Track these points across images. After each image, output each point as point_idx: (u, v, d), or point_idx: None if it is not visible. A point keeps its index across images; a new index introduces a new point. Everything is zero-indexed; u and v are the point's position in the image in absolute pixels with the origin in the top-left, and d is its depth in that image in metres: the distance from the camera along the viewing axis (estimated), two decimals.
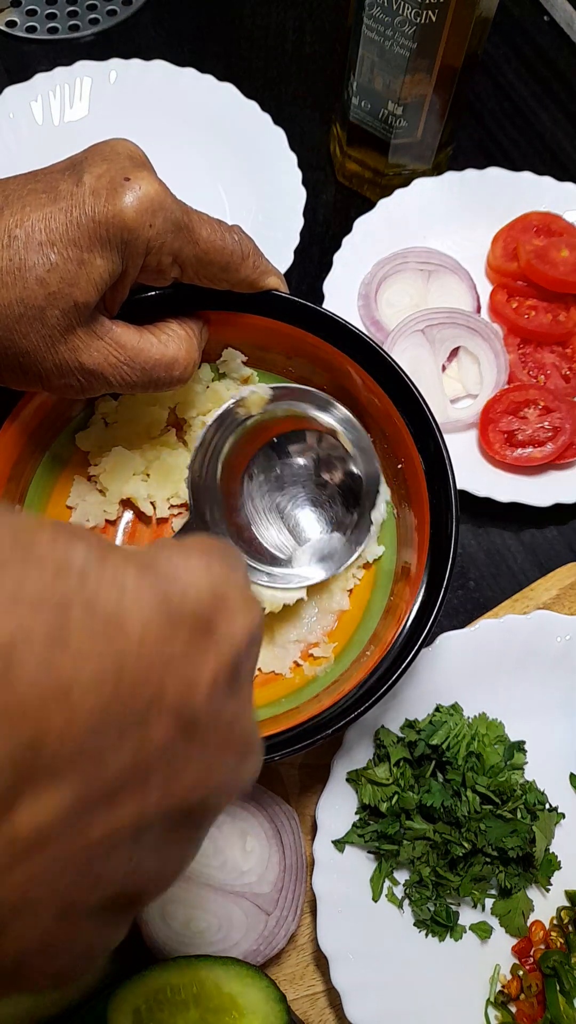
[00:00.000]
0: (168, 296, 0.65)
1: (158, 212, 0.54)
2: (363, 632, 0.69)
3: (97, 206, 0.52)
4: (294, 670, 0.70)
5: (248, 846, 0.66)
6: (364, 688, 0.61)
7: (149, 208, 0.53)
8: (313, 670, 0.69)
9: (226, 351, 0.73)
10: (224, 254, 0.60)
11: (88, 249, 0.52)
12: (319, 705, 0.63)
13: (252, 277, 0.63)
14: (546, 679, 0.74)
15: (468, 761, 0.69)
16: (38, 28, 1.09)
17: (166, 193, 0.55)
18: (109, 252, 0.53)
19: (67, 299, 0.53)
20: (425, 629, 0.61)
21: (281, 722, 0.63)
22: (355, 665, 0.66)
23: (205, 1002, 0.59)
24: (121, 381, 0.59)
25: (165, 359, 0.60)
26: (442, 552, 0.63)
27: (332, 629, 0.72)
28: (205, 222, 0.59)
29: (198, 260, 0.59)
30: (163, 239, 0.55)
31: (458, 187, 0.95)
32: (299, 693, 0.68)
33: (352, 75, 0.88)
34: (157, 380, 0.60)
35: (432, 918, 0.67)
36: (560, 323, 0.89)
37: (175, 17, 1.11)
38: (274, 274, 0.65)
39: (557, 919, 0.69)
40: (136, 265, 0.56)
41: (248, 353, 0.74)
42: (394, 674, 0.60)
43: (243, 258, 0.61)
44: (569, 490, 0.83)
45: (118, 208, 0.52)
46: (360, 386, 0.70)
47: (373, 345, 0.68)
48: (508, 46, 1.11)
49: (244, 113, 0.99)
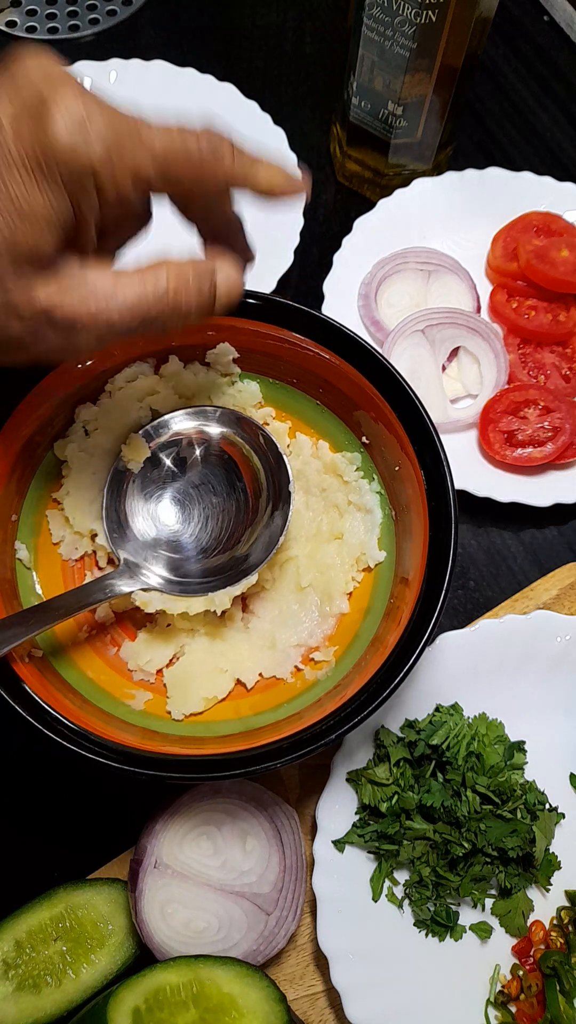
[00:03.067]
0: None
1: (91, 127, 0.47)
2: (363, 635, 0.69)
3: (21, 144, 0.46)
4: (295, 675, 0.70)
5: (248, 846, 0.66)
6: (367, 692, 0.61)
7: (80, 126, 0.47)
8: (314, 674, 0.69)
9: (221, 345, 0.73)
10: (191, 158, 0.51)
11: (27, 190, 0.47)
12: (321, 710, 0.63)
13: (238, 176, 0.53)
14: (546, 679, 0.74)
15: (468, 761, 0.69)
16: (38, 28, 1.09)
17: (97, 104, 0.48)
18: (50, 188, 0.47)
19: (14, 248, 0.47)
20: (426, 631, 0.61)
21: (283, 728, 0.63)
22: (356, 668, 0.66)
23: (204, 1002, 0.59)
24: (107, 328, 0.51)
25: (155, 294, 0.52)
26: (441, 554, 0.63)
27: (332, 633, 0.72)
28: (159, 128, 0.50)
29: (163, 175, 0.51)
30: (109, 156, 0.48)
31: (458, 187, 0.95)
32: (301, 698, 0.68)
33: (352, 75, 0.88)
34: (154, 319, 0.52)
35: (432, 918, 0.67)
36: (560, 323, 0.89)
37: (175, 17, 1.11)
38: (263, 164, 0.54)
39: (557, 919, 0.69)
40: (90, 198, 0.49)
41: (243, 355, 0.74)
42: (396, 677, 0.60)
43: (217, 158, 0.52)
44: (569, 490, 0.83)
45: (45, 137, 0.46)
46: (354, 388, 0.71)
47: (370, 349, 0.69)
48: (508, 46, 1.11)
49: (244, 113, 0.99)
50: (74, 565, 0.73)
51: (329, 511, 0.74)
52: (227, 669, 0.70)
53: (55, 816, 0.74)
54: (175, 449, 0.72)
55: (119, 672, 0.70)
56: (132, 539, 0.69)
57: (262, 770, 0.58)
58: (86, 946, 0.65)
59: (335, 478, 0.75)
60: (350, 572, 0.72)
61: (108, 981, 0.64)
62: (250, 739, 0.63)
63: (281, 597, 0.73)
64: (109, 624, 0.72)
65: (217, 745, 0.64)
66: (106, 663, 0.70)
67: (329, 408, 0.75)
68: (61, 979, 0.63)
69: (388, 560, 0.71)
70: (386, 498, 0.72)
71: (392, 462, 0.70)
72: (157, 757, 0.60)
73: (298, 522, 0.74)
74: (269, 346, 0.72)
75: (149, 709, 0.68)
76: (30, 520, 0.71)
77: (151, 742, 0.63)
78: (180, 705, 0.68)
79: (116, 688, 0.69)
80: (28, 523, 0.71)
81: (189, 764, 0.60)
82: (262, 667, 0.70)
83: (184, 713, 0.68)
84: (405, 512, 0.69)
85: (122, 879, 0.68)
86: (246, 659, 0.70)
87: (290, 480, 0.69)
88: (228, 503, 0.71)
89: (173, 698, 0.68)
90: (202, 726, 0.67)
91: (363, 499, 0.73)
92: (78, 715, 0.62)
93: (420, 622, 0.62)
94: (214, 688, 0.69)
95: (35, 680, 0.62)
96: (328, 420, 0.75)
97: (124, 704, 0.68)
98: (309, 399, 0.75)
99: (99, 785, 0.74)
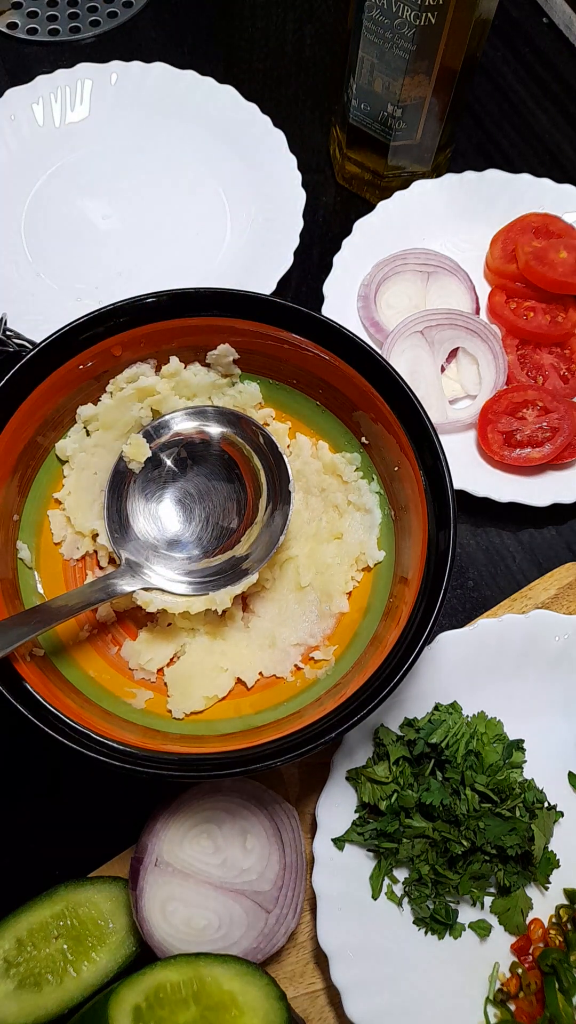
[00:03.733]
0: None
1: None
2: (363, 634, 0.69)
3: None
4: (295, 673, 0.71)
5: (248, 844, 0.66)
6: (368, 691, 0.61)
7: None
8: (314, 673, 0.70)
9: (222, 346, 0.74)
10: None
11: None
12: (321, 708, 0.63)
13: None
14: (545, 678, 0.74)
15: (467, 759, 0.69)
16: (39, 30, 1.09)
17: None
18: None
19: None
20: (426, 630, 0.61)
21: (284, 727, 0.63)
22: (356, 667, 0.66)
23: (205, 1000, 0.59)
24: None
25: None
26: (441, 554, 0.64)
27: (331, 632, 0.72)
28: None
29: None
30: None
31: (457, 189, 0.96)
32: (301, 696, 0.68)
33: (352, 77, 0.88)
34: None
35: (431, 916, 0.68)
36: (558, 324, 0.89)
37: (176, 19, 1.12)
38: None
39: (556, 917, 0.69)
40: None
41: (243, 356, 0.75)
42: (396, 676, 0.61)
43: None
44: (567, 490, 0.83)
45: None
46: (354, 389, 0.71)
47: (369, 350, 0.69)
48: (507, 48, 1.12)
49: (244, 115, 0.99)
50: (75, 565, 0.73)
51: (329, 511, 0.75)
52: (227, 668, 0.70)
53: (56, 815, 0.74)
54: (176, 449, 0.72)
55: (120, 671, 0.70)
56: (133, 539, 0.70)
57: (263, 768, 0.58)
58: (87, 944, 0.65)
59: (335, 478, 0.75)
60: (349, 571, 0.72)
61: (109, 979, 0.64)
62: (250, 738, 0.64)
63: (281, 596, 0.73)
64: (110, 623, 0.72)
65: (218, 743, 0.64)
66: (107, 662, 0.70)
67: (329, 409, 0.75)
68: (62, 977, 0.63)
69: (387, 560, 0.71)
70: (385, 498, 0.73)
71: (391, 462, 0.71)
72: (158, 756, 0.61)
73: (298, 522, 0.74)
74: (269, 347, 0.73)
75: (150, 708, 0.68)
76: (32, 520, 0.71)
77: (152, 741, 0.63)
78: (181, 704, 0.68)
79: (117, 687, 0.69)
80: (30, 523, 0.71)
81: (190, 763, 0.60)
82: (262, 666, 0.71)
83: (185, 712, 0.68)
84: (404, 512, 0.70)
85: (123, 877, 0.68)
86: (246, 658, 0.71)
87: (290, 480, 0.69)
88: (228, 503, 0.72)
89: (174, 697, 0.69)
90: (203, 724, 0.68)
91: (362, 499, 0.73)
92: (79, 714, 0.62)
93: (420, 621, 0.62)
94: (214, 687, 0.69)
95: (37, 679, 0.62)
96: (328, 421, 0.76)
97: (125, 703, 0.68)
98: (309, 400, 0.76)
99: (100, 784, 0.74)
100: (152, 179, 0.99)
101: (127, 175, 0.99)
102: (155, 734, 0.66)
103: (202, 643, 0.71)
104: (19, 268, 0.92)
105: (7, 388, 0.67)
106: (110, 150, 1.00)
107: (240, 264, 0.93)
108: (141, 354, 0.73)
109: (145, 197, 0.98)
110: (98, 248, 0.94)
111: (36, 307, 0.89)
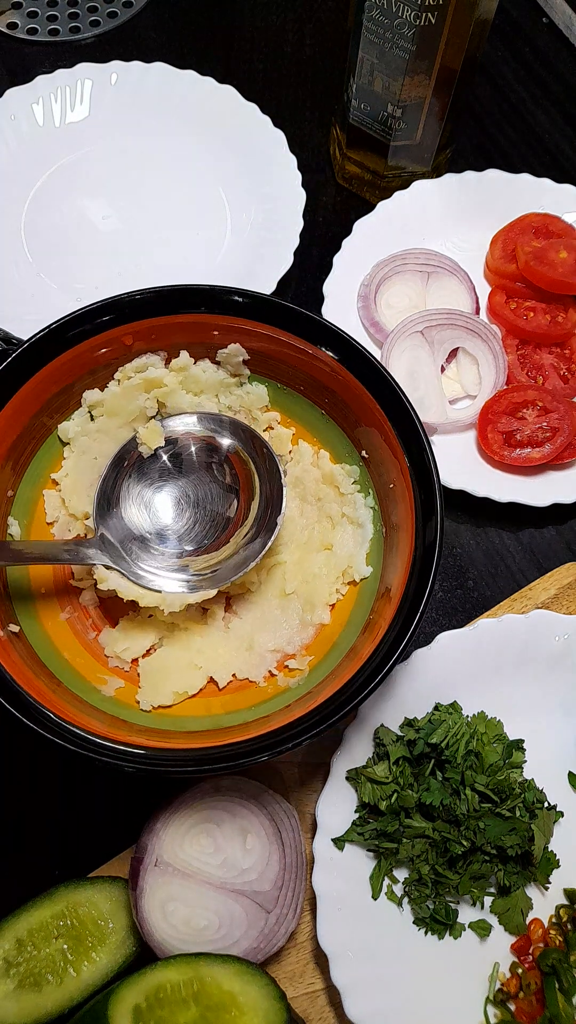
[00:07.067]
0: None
1: None
2: (340, 647, 0.69)
3: None
4: (268, 680, 0.71)
5: (248, 844, 0.66)
6: (338, 701, 0.61)
7: None
8: (287, 681, 0.70)
9: (232, 345, 0.74)
10: None
11: None
12: (290, 714, 0.63)
13: None
14: (545, 678, 0.74)
15: (467, 759, 0.69)
16: (39, 30, 1.09)
17: None
18: None
19: None
20: (400, 645, 0.61)
21: (250, 730, 0.63)
22: (329, 678, 0.66)
23: (205, 1000, 0.59)
24: None
25: None
26: (423, 576, 0.63)
27: (310, 642, 0.72)
28: None
29: None
30: None
31: (457, 189, 0.96)
32: (271, 702, 0.68)
33: (352, 77, 0.88)
34: None
35: (431, 916, 0.68)
36: (558, 324, 0.89)
37: (176, 19, 1.12)
38: None
39: (556, 917, 0.69)
40: None
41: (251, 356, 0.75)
42: (367, 688, 0.60)
43: None
44: (567, 490, 0.83)
45: None
46: (359, 403, 0.71)
47: (368, 355, 0.69)
48: (507, 48, 1.12)
49: (244, 115, 0.99)
50: None
51: (322, 521, 0.75)
52: (201, 666, 0.70)
53: (56, 815, 0.74)
54: (178, 448, 0.72)
55: (95, 656, 0.71)
56: (116, 519, 0.70)
57: (223, 769, 0.58)
58: (87, 944, 0.65)
59: (332, 489, 0.75)
60: (335, 584, 0.72)
61: (109, 979, 0.64)
62: (217, 737, 0.64)
63: (265, 601, 0.73)
64: (92, 608, 0.72)
65: (183, 740, 0.64)
66: (84, 646, 0.71)
67: (333, 419, 0.75)
68: (62, 977, 0.63)
69: (373, 575, 0.71)
70: (379, 514, 0.72)
71: (388, 479, 0.70)
72: (119, 747, 0.60)
73: (290, 528, 0.75)
74: (279, 352, 0.73)
75: (119, 697, 0.69)
76: (26, 497, 0.72)
77: (117, 731, 0.63)
78: (150, 696, 0.68)
79: (90, 672, 0.69)
80: (23, 500, 0.72)
81: (152, 757, 0.60)
82: (236, 668, 0.71)
83: (152, 705, 0.68)
84: (394, 531, 0.69)
85: (123, 877, 0.68)
86: (222, 658, 0.71)
87: (281, 512, 0.70)
88: (222, 506, 0.72)
89: (144, 688, 0.69)
90: (169, 720, 0.68)
91: (357, 513, 0.73)
92: (44, 693, 0.62)
93: (396, 636, 0.62)
94: (185, 683, 0.69)
95: (5, 656, 0.62)
96: (331, 430, 0.76)
97: (96, 689, 0.68)
98: (315, 407, 0.76)
99: (100, 784, 0.74)
100: (152, 179, 0.99)
101: (127, 175, 0.99)
102: (121, 724, 0.65)
103: (180, 639, 0.71)
104: (19, 268, 0.93)
105: (14, 364, 0.67)
106: (110, 150, 1.00)
107: (240, 264, 0.93)
108: (152, 346, 0.74)
109: (145, 197, 0.98)
110: (98, 248, 0.95)
111: (36, 307, 0.89)
